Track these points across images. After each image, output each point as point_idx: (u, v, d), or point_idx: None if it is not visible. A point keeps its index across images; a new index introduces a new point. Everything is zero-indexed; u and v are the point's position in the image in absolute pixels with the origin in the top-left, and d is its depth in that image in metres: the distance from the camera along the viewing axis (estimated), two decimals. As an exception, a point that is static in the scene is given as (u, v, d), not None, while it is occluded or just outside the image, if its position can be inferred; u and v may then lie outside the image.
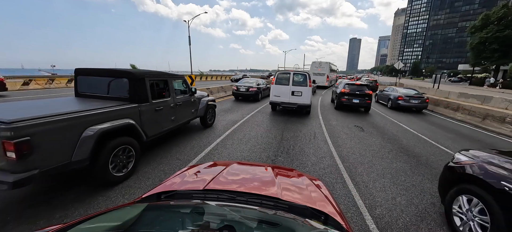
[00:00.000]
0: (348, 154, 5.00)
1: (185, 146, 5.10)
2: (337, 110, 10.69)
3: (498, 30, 32.90)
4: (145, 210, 1.05)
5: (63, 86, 18.64)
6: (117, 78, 3.93)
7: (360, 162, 4.56)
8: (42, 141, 2.42)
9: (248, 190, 1.35)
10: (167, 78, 4.78)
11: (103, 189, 3.13)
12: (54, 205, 2.76)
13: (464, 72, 58.83)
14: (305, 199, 1.36)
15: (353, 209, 2.97)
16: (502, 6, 33.31)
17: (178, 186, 1.44)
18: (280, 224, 1.02)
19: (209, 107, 6.55)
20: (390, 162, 4.63)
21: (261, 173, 1.75)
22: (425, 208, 3.09)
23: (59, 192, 3.01)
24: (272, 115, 8.82)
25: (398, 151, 5.34)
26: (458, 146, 6.01)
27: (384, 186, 3.64)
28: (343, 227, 1.12)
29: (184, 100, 5.34)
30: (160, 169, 3.89)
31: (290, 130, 6.76)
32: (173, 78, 4.98)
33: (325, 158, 4.70)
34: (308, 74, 9.19)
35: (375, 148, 5.47)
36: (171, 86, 4.87)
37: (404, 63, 64.89)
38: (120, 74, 3.91)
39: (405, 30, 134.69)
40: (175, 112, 4.91)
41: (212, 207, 1.13)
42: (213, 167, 1.87)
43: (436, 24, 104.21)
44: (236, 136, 6.02)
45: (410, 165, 4.54)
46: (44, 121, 2.44)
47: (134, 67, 29.80)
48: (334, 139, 6.03)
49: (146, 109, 3.96)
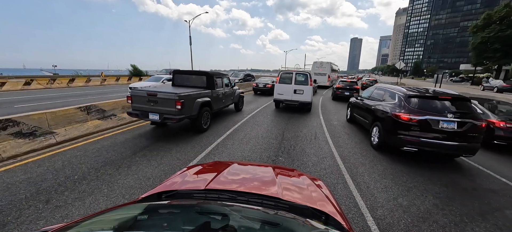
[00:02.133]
0: (349, 154, 4.98)
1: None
2: (338, 111, 10.66)
3: (500, 29, 32.67)
4: (145, 210, 1.05)
5: (64, 86, 18.70)
6: (199, 75, 7.05)
7: (361, 163, 4.54)
8: (185, 103, 5.28)
9: (249, 190, 1.35)
10: (221, 77, 7.65)
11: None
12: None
13: (466, 72, 58.55)
14: (305, 199, 1.36)
15: (354, 210, 2.95)
16: (504, 5, 33.10)
17: (178, 185, 1.44)
18: (280, 224, 1.02)
19: (240, 97, 9.50)
20: (391, 163, 4.60)
21: (261, 172, 1.75)
22: (427, 209, 3.06)
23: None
24: (275, 113, 8.89)
25: (399, 152, 5.31)
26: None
27: (385, 186, 3.62)
28: (344, 227, 1.12)
29: (228, 91, 8.13)
30: (160, 169, 3.89)
31: (290, 130, 6.74)
32: (223, 76, 7.89)
33: (326, 158, 4.68)
34: (309, 74, 9.82)
35: (378, 150, 5.44)
36: (223, 82, 7.68)
37: (405, 63, 64.35)
38: (200, 73, 7.09)
39: (407, 29, 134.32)
40: (224, 97, 7.71)
41: (213, 207, 1.12)
42: (213, 166, 1.87)
43: (438, 24, 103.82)
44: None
45: (411, 167, 4.52)
46: (186, 95, 5.36)
47: (135, 68, 29.82)
48: (335, 139, 6.01)
49: (213, 93, 6.82)
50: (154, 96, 5.21)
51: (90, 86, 19.99)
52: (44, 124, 4.72)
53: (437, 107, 4.52)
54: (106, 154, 4.42)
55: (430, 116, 4.40)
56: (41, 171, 3.61)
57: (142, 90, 5.42)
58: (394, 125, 4.73)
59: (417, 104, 4.66)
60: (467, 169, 4.59)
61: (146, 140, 5.36)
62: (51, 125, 4.85)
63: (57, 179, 3.39)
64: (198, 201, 1.23)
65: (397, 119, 4.66)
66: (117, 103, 6.73)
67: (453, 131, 4.29)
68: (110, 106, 6.43)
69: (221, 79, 7.58)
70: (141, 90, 5.39)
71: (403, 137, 4.57)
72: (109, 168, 3.84)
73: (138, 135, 5.74)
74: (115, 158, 4.23)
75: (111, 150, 4.64)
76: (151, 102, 5.28)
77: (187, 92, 5.48)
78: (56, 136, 4.81)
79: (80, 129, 5.35)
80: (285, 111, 9.79)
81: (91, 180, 3.43)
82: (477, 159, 5.03)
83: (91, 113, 5.86)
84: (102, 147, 4.75)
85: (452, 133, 4.29)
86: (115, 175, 3.59)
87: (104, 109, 6.23)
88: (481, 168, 4.65)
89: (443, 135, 4.32)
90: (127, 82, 24.87)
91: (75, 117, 5.41)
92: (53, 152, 4.39)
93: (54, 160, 4.03)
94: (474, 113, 4.51)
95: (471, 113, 4.46)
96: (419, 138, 4.42)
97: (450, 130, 4.29)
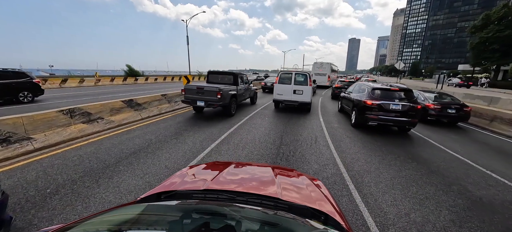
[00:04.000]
0: (352, 161, 4.62)
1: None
2: (339, 113, 10.33)
3: (498, 30, 32.66)
4: (144, 210, 1.05)
5: (57, 87, 18.20)
6: (227, 75, 9.10)
7: (366, 170, 4.18)
8: (223, 94, 7.35)
9: (248, 190, 1.34)
10: (242, 75, 9.80)
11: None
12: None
13: (464, 72, 58.64)
14: (305, 199, 1.36)
15: (363, 229, 2.59)
16: (503, 5, 33.08)
17: (178, 186, 1.43)
18: (280, 224, 1.02)
19: (255, 93, 11.72)
20: (398, 170, 4.26)
21: (261, 173, 1.74)
22: (444, 227, 2.72)
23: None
24: (274, 113, 8.56)
25: (405, 157, 4.98)
26: (464, 151, 5.67)
27: (395, 199, 3.27)
28: (343, 227, 1.12)
29: (247, 87, 10.07)
30: (145, 180, 3.51)
31: (289, 133, 6.39)
32: (244, 76, 10.04)
33: (328, 165, 4.32)
34: (309, 74, 9.63)
35: (380, 154, 5.10)
36: (243, 80, 9.79)
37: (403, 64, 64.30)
38: (228, 73, 9.13)
39: (404, 30, 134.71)
40: (243, 92, 9.61)
41: (212, 207, 1.13)
42: (213, 167, 1.85)
43: (436, 25, 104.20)
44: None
45: (420, 174, 4.18)
46: (222, 88, 7.48)
47: (130, 68, 29.41)
48: (336, 143, 5.66)
49: (238, 88, 8.77)
50: (202, 89, 7.57)
51: (84, 87, 19.49)
52: (20, 129, 4.30)
53: (390, 95, 6.84)
54: (87, 162, 4.02)
55: (384, 101, 6.69)
56: (10, 184, 3.20)
57: (193, 85, 7.86)
58: (364, 108, 6.95)
59: (378, 94, 6.95)
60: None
61: (134, 145, 4.96)
62: (28, 130, 4.42)
63: (26, 193, 2.99)
64: (197, 201, 1.24)
65: (365, 104, 6.91)
66: (105, 105, 6.29)
67: (398, 110, 6.56)
68: (96, 109, 5.99)
69: (242, 78, 9.72)
70: (192, 85, 7.77)
71: (368, 115, 6.79)
72: (88, 179, 3.44)
73: (127, 139, 5.34)
74: (96, 167, 3.84)
75: (94, 157, 4.24)
76: (199, 93, 7.61)
77: (222, 87, 7.64)
78: (34, 142, 4.39)
79: (62, 134, 4.93)
80: (285, 111, 9.44)
81: (65, 194, 3.03)
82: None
83: (75, 116, 5.42)
84: (85, 154, 4.35)
85: (398, 111, 6.56)
86: (93, 188, 3.20)
87: (90, 113, 5.79)
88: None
89: (393, 113, 6.59)
90: (122, 82, 24.39)
91: (56, 121, 4.97)
92: (29, 160, 3.98)
93: (27, 170, 3.62)
94: (413, 99, 6.84)
95: (411, 99, 6.78)
96: (378, 116, 6.66)
97: (397, 110, 6.57)
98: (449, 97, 9.30)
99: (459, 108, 8.41)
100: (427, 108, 8.61)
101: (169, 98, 9.20)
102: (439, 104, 8.59)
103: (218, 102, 7.41)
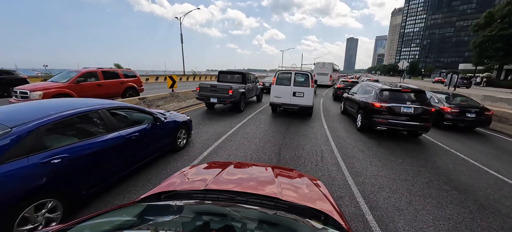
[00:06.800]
0: (374, 190, 3.49)
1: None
2: (342, 115, 9.22)
3: (502, 28, 31.77)
4: (144, 210, 1.07)
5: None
6: (237, 74, 9.91)
7: (397, 207, 3.06)
8: (233, 91, 8.23)
9: (248, 190, 1.33)
10: (250, 75, 10.36)
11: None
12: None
13: (464, 72, 58.01)
14: (305, 199, 1.35)
15: None
16: (507, 3, 32.19)
17: (178, 186, 1.43)
18: (280, 224, 1.02)
19: (261, 91, 12.22)
20: (439, 206, 3.15)
21: (261, 173, 1.72)
22: None
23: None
24: (272, 118, 7.45)
25: (438, 182, 3.87)
26: (507, 171, 4.58)
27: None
28: (343, 227, 1.11)
29: (253, 85, 10.77)
30: None
31: (288, 146, 5.25)
32: (251, 75, 10.52)
33: (343, 198, 3.20)
34: (310, 74, 8.34)
35: (406, 176, 3.99)
36: (251, 79, 10.48)
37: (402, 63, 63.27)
38: (238, 73, 9.94)
39: (402, 29, 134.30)
40: (250, 90, 10.23)
41: (212, 207, 1.14)
42: (213, 167, 1.82)
43: (434, 24, 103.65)
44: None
45: (468, 210, 3.07)
46: (232, 87, 8.23)
47: (118, 67, 28.66)
48: (348, 161, 4.53)
49: (246, 87, 9.45)
50: (215, 87, 8.35)
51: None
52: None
53: (400, 97, 6.13)
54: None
55: (394, 103, 5.98)
56: None
57: (207, 83, 8.63)
58: (371, 111, 6.22)
59: (387, 96, 6.23)
60: None
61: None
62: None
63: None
64: (197, 201, 1.24)
65: (372, 107, 6.18)
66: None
67: (410, 113, 5.85)
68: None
69: (250, 77, 10.35)
70: (206, 83, 8.57)
71: (376, 119, 6.10)
72: None
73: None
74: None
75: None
76: (212, 91, 8.36)
77: (233, 85, 8.40)
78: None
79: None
80: (283, 114, 8.30)
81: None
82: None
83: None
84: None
85: (410, 115, 5.85)
86: None
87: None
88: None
89: (404, 117, 5.87)
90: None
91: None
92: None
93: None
94: (427, 101, 6.14)
95: (424, 102, 6.08)
96: (387, 120, 5.97)
97: (408, 113, 5.85)
98: (466, 99, 8.31)
99: (479, 112, 7.39)
100: (443, 111, 7.65)
101: (149, 102, 8.00)
102: (457, 107, 7.53)
103: (230, 98, 8.11)
